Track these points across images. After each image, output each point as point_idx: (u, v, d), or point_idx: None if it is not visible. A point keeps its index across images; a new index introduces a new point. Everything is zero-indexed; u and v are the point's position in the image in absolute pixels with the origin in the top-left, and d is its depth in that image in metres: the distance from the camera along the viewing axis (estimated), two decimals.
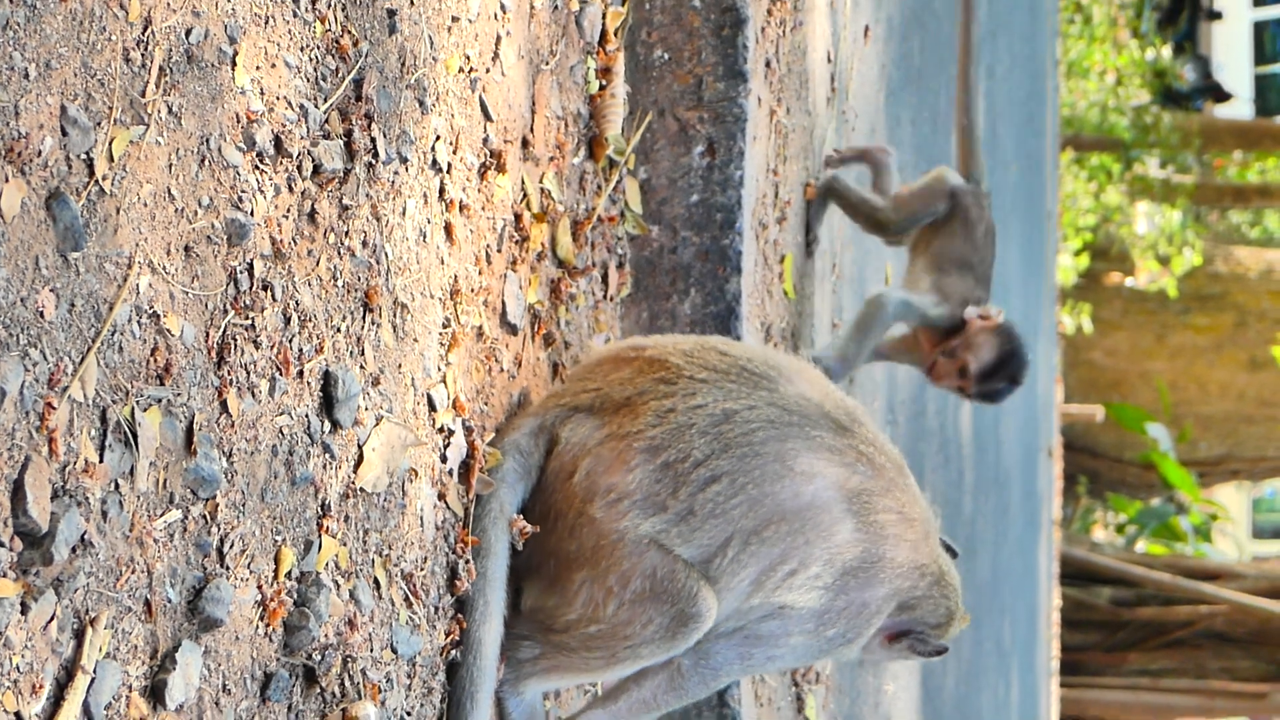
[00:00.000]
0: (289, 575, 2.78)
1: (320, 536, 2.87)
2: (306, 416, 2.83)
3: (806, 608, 3.63)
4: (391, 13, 3.07)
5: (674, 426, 3.48)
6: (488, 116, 3.54)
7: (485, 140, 3.54)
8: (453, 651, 3.37)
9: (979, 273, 5.31)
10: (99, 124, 2.32)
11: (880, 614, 3.75)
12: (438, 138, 3.30)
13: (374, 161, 3.02)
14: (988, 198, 5.48)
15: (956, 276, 5.25)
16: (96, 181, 2.31)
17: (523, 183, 3.75)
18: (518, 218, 3.71)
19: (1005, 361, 5.24)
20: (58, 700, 2.26)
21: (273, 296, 2.72)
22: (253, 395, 2.67)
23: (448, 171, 3.34)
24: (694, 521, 3.46)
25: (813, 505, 3.54)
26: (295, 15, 2.79)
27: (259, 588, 2.70)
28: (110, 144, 2.33)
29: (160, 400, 2.45)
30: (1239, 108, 30.52)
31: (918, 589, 3.78)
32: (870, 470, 3.62)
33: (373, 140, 3.00)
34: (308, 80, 2.83)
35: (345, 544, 2.95)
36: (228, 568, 2.61)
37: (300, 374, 2.80)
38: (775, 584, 3.57)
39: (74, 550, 2.27)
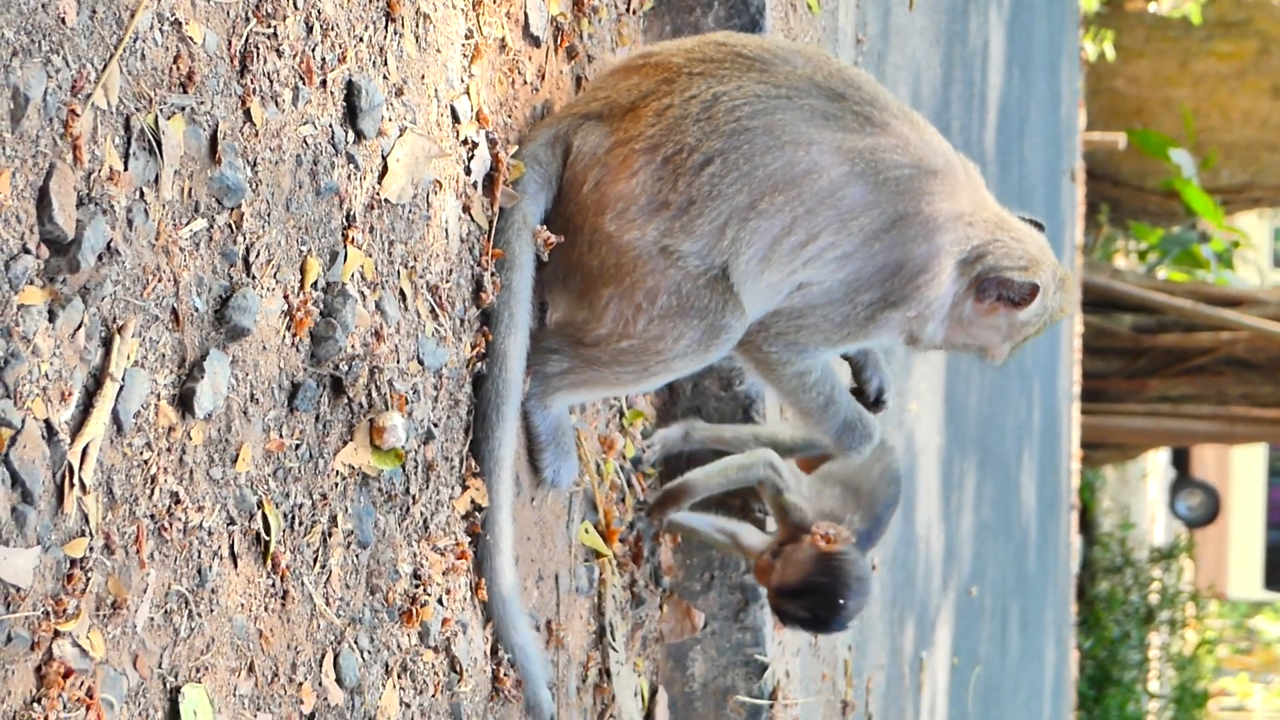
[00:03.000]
0: (315, 285, 2.78)
1: (346, 247, 2.87)
2: (330, 126, 2.81)
3: (831, 280, 3.58)
4: None
5: (670, 121, 3.45)
6: None
7: None
8: (479, 364, 3.38)
9: (863, 505, 4.51)
10: None
11: (931, 273, 3.61)
12: None
13: None
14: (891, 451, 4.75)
15: (840, 494, 4.49)
16: None
17: None
18: None
19: (809, 591, 4.30)
20: (87, 407, 2.27)
21: (294, 4, 2.69)
22: (276, 104, 2.65)
23: None
24: (694, 210, 3.43)
25: (810, 172, 3.47)
26: None
27: (285, 298, 2.70)
28: None
29: (184, 108, 2.43)
30: None
31: (972, 238, 3.64)
32: (873, 128, 3.53)
33: None
34: None
35: (371, 255, 2.95)
36: (254, 277, 2.61)
37: (323, 83, 2.78)
38: (785, 258, 3.52)
39: (100, 258, 2.26)
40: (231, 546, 2.59)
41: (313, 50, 2.75)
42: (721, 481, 4.43)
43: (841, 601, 4.32)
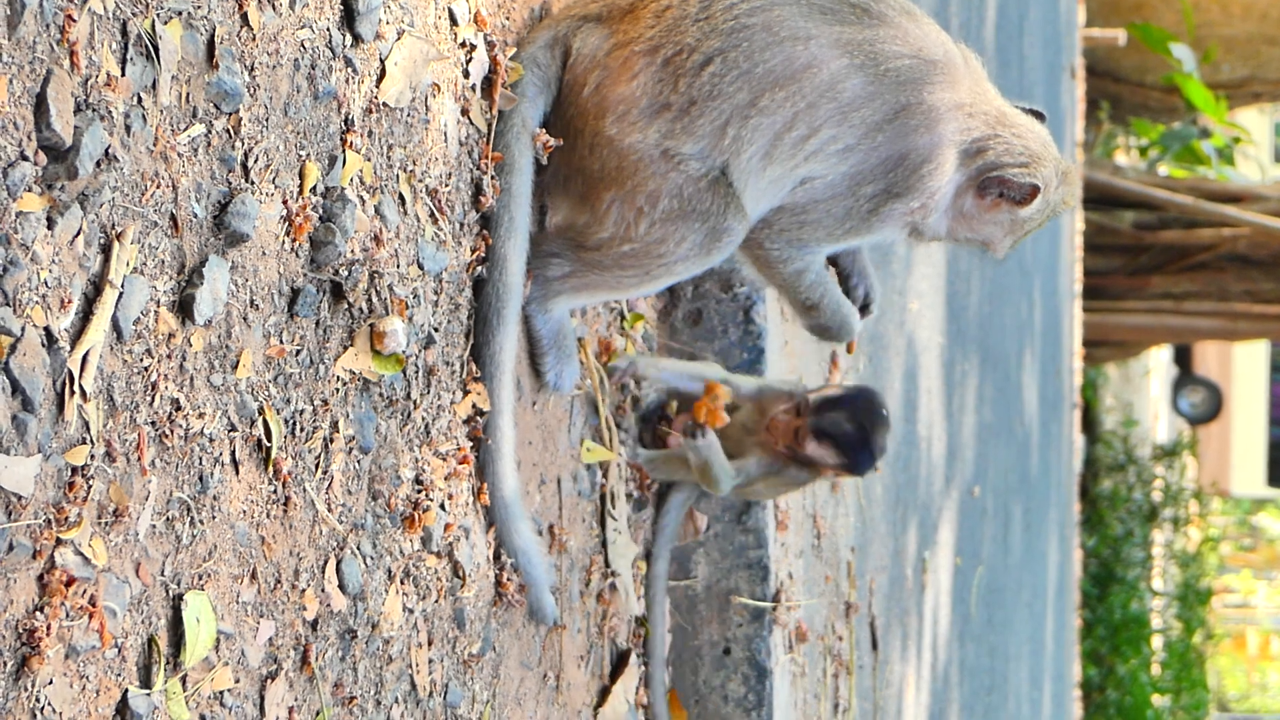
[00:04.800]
0: (314, 190, 2.77)
1: (344, 151, 2.85)
2: (328, 30, 2.79)
3: (834, 173, 3.57)
4: None
5: (669, 22, 3.42)
6: None
7: None
8: (479, 268, 3.37)
9: None
10: None
11: (934, 163, 3.61)
12: None
13: None
14: None
15: None
16: None
17: None
18: None
19: (853, 399, 4.44)
20: (86, 315, 2.26)
21: None
22: (273, 8, 2.63)
23: None
24: (694, 110, 3.41)
25: (809, 66, 3.45)
26: None
27: (284, 203, 2.69)
28: None
29: (180, 13, 2.41)
30: None
31: (972, 130, 3.64)
32: (871, 20, 3.50)
33: None
34: None
35: (369, 159, 2.94)
36: (253, 183, 2.60)
37: None
38: (786, 154, 3.50)
39: (98, 164, 2.25)
40: (233, 453, 2.59)
41: None
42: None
43: (885, 412, 4.43)
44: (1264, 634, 40.61)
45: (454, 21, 3.23)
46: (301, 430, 2.77)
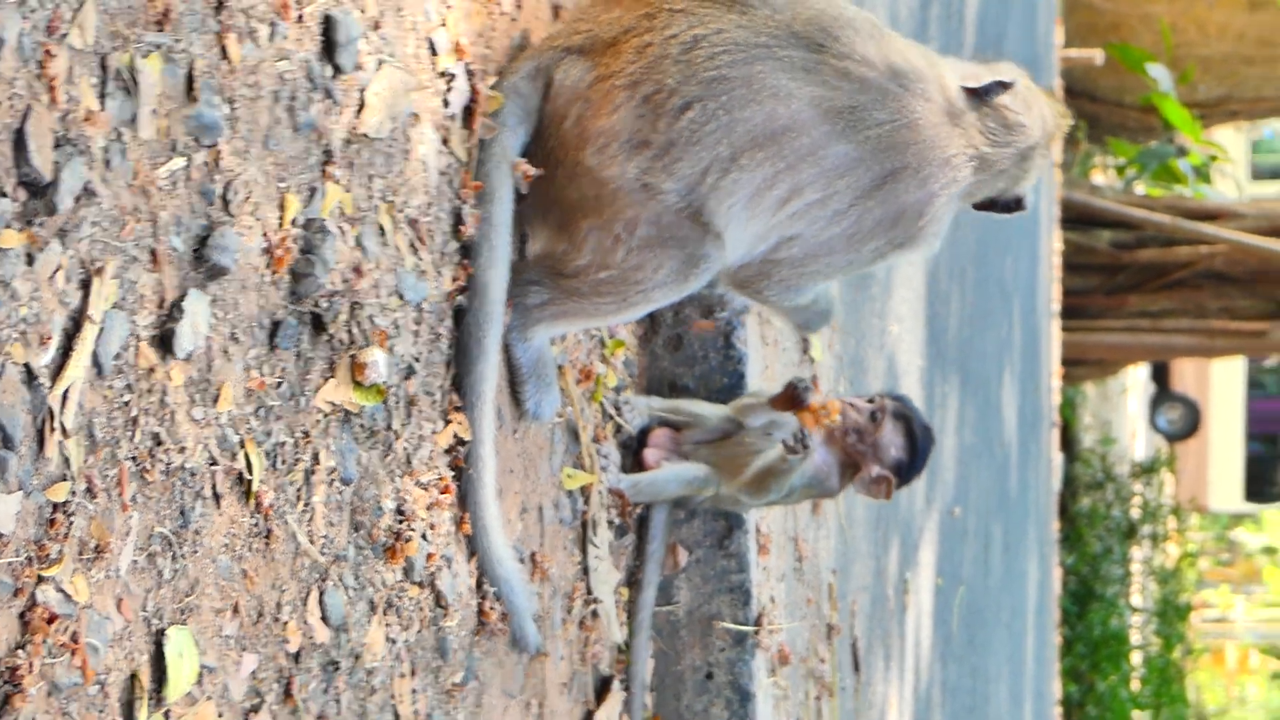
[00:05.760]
0: (294, 222, 2.76)
1: (324, 183, 2.85)
2: (307, 61, 2.79)
3: (827, 235, 3.63)
4: None
5: (650, 60, 3.43)
6: None
7: None
8: (459, 297, 3.37)
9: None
10: None
11: (930, 215, 3.70)
12: None
13: None
14: None
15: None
16: None
17: None
18: None
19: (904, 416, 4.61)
20: (66, 351, 2.26)
21: None
22: (253, 40, 2.63)
23: None
24: (674, 151, 3.43)
25: (789, 129, 3.48)
26: None
27: (265, 235, 2.68)
28: None
29: (160, 46, 2.41)
30: None
31: (960, 178, 3.72)
32: (854, 85, 3.52)
33: None
34: None
35: (350, 190, 2.93)
36: (233, 215, 2.59)
37: (300, 18, 2.76)
38: (769, 210, 3.54)
39: (78, 199, 2.25)
40: (214, 487, 2.58)
41: None
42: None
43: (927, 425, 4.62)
44: (1242, 648, 40.69)
45: (434, 51, 3.22)
46: (283, 463, 2.76)
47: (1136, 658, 22.95)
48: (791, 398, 4.44)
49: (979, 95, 3.75)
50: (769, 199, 3.54)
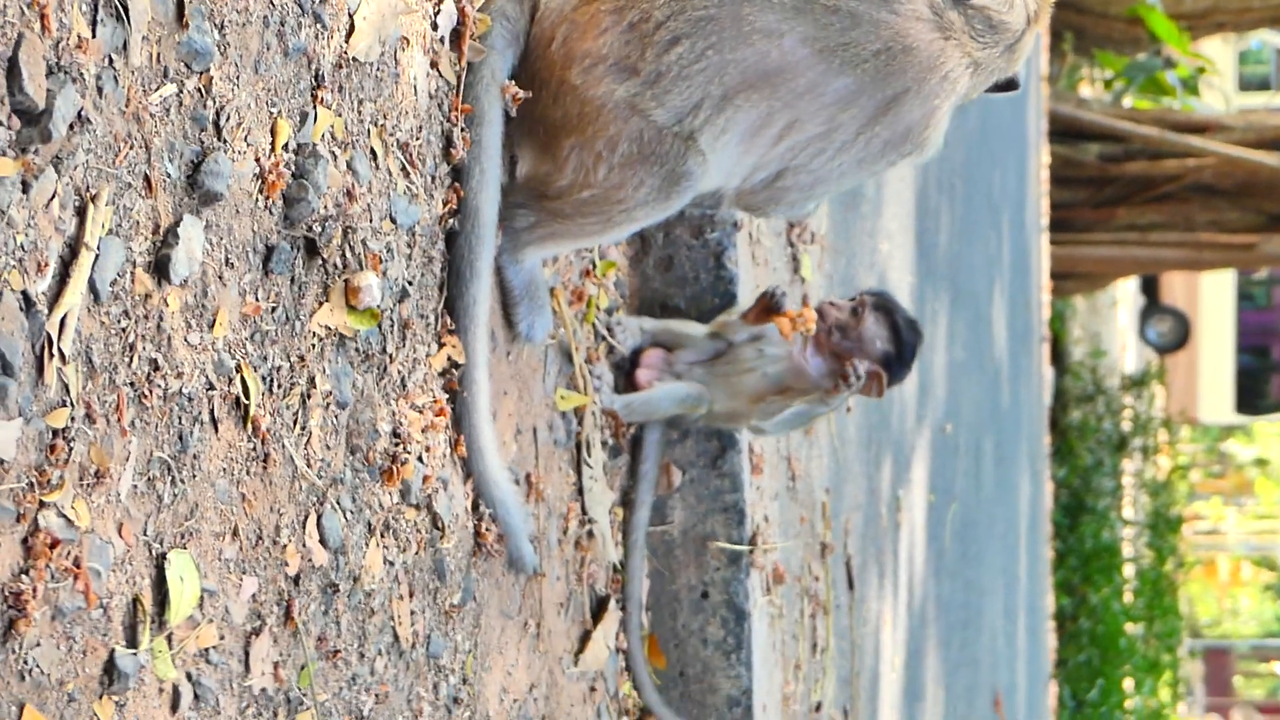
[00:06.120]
0: (286, 147, 2.77)
1: (315, 107, 2.85)
2: None
3: (838, 162, 3.68)
4: None
5: None
6: None
7: None
8: (451, 220, 3.38)
9: None
10: None
11: (935, 122, 3.73)
12: None
13: None
14: None
15: None
16: None
17: None
18: None
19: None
20: (63, 278, 2.27)
21: None
22: None
23: None
24: (664, 83, 3.43)
25: (783, 70, 3.49)
26: None
27: (257, 160, 2.69)
28: None
29: None
30: None
31: (959, 86, 3.73)
32: (845, 20, 3.51)
33: None
34: None
35: (340, 114, 2.94)
36: (225, 141, 2.60)
37: None
38: (766, 145, 3.57)
39: (71, 127, 2.26)
40: (212, 411, 2.60)
41: None
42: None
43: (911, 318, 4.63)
44: (1234, 560, 40.86)
45: None
46: (279, 387, 2.78)
47: (1129, 570, 23.03)
48: (766, 307, 4.47)
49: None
50: (766, 135, 3.56)
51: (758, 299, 4.50)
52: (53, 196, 2.23)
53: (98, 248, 2.32)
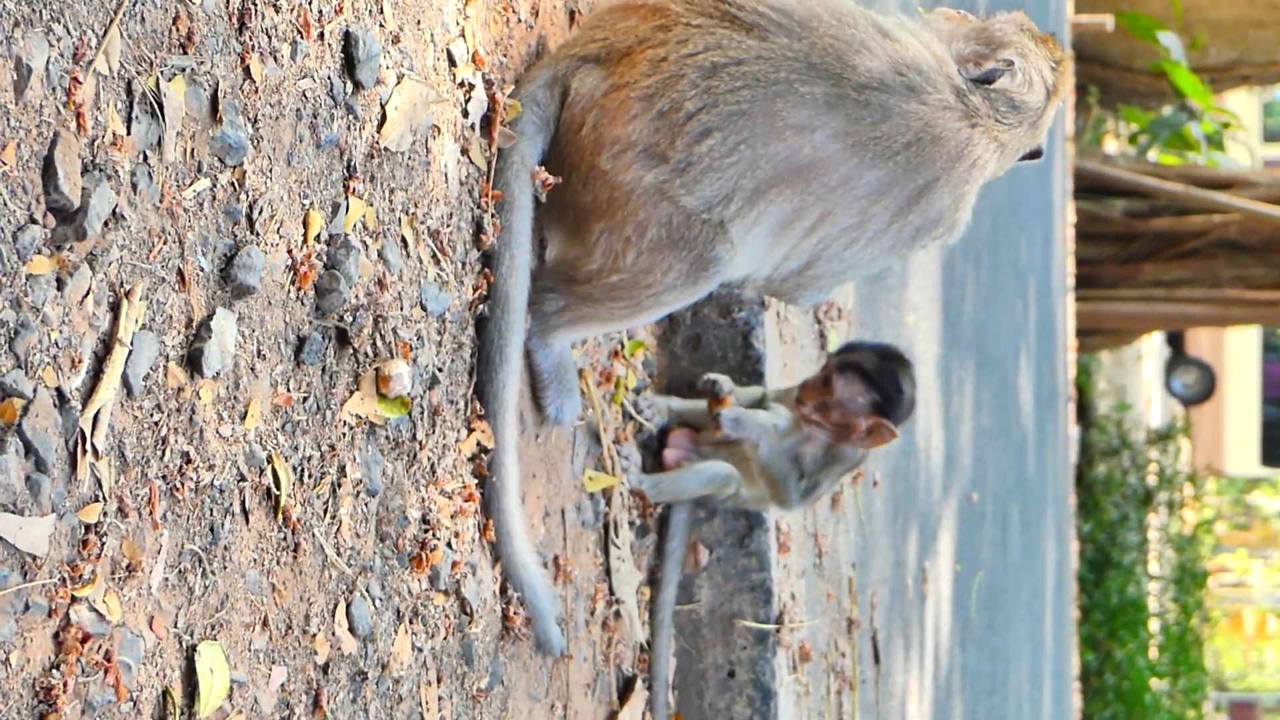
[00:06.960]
0: (318, 238, 2.79)
1: (347, 198, 2.87)
2: (329, 78, 2.81)
3: (871, 250, 3.71)
4: None
5: (666, 76, 3.43)
6: None
7: None
8: (481, 306, 3.39)
9: None
10: None
11: (965, 204, 3.76)
12: None
13: None
14: None
15: None
16: None
17: None
18: None
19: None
20: (97, 373, 2.28)
21: None
22: (275, 60, 2.65)
23: None
24: (694, 172, 3.45)
25: (815, 165, 3.50)
26: None
27: (289, 252, 2.71)
28: None
29: (184, 69, 2.43)
30: None
31: (988, 169, 3.75)
32: (876, 114, 3.52)
33: None
34: None
35: (372, 204, 2.95)
36: (258, 234, 2.61)
37: (321, 36, 2.78)
38: (797, 237, 3.60)
39: (106, 224, 2.27)
40: (243, 503, 2.61)
41: (309, 3, 2.74)
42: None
43: (906, 355, 4.61)
44: (1260, 613, 40.71)
45: (452, 62, 3.24)
46: (309, 476, 2.79)
47: (1154, 625, 22.97)
48: (705, 393, 4.48)
49: (982, 82, 3.77)
50: (798, 228, 3.59)
51: (700, 384, 4.51)
52: (87, 293, 2.25)
53: (131, 343, 2.33)
